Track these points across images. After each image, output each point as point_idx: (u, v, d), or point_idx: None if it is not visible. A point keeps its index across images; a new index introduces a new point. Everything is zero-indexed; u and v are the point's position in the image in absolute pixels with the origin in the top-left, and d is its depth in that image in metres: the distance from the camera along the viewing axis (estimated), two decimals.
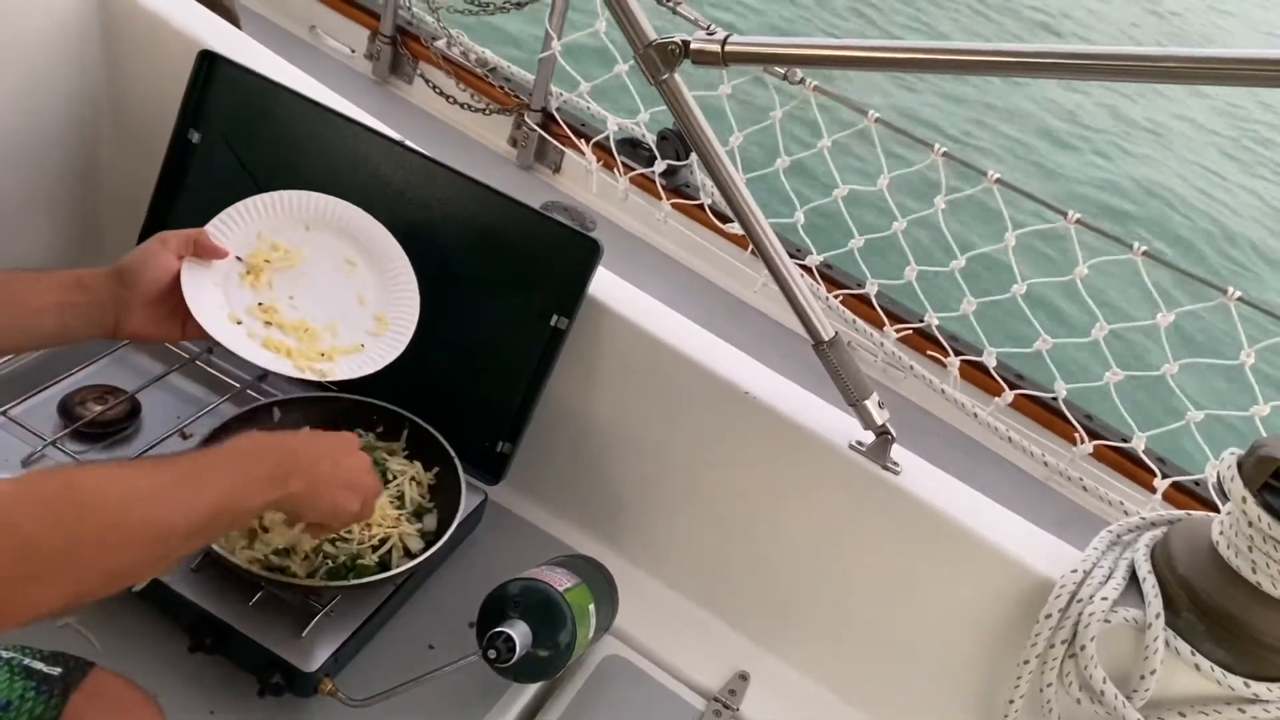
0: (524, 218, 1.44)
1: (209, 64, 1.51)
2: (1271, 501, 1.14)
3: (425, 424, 1.40)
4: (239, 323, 1.22)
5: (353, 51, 3.43)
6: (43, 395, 1.41)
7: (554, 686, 1.36)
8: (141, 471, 0.90)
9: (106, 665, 1.04)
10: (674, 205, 2.93)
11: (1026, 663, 1.28)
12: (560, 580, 1.24)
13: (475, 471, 1.43)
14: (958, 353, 2.60)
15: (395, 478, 1.36)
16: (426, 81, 3.31)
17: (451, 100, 3.27)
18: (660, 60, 1.20)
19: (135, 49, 1.63)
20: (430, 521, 1.34)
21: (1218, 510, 1.24)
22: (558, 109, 3.15)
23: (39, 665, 0.98)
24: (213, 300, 1.21)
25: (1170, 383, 2.31)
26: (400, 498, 1.34)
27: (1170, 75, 0.96)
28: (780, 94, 2.61)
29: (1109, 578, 1.26)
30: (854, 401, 1.34)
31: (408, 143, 1.49)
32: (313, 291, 1.30)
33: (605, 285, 1.47)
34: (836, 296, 2.72)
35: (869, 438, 1.38)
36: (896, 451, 1.38)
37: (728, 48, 1.16)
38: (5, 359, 1.43)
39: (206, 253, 1.22)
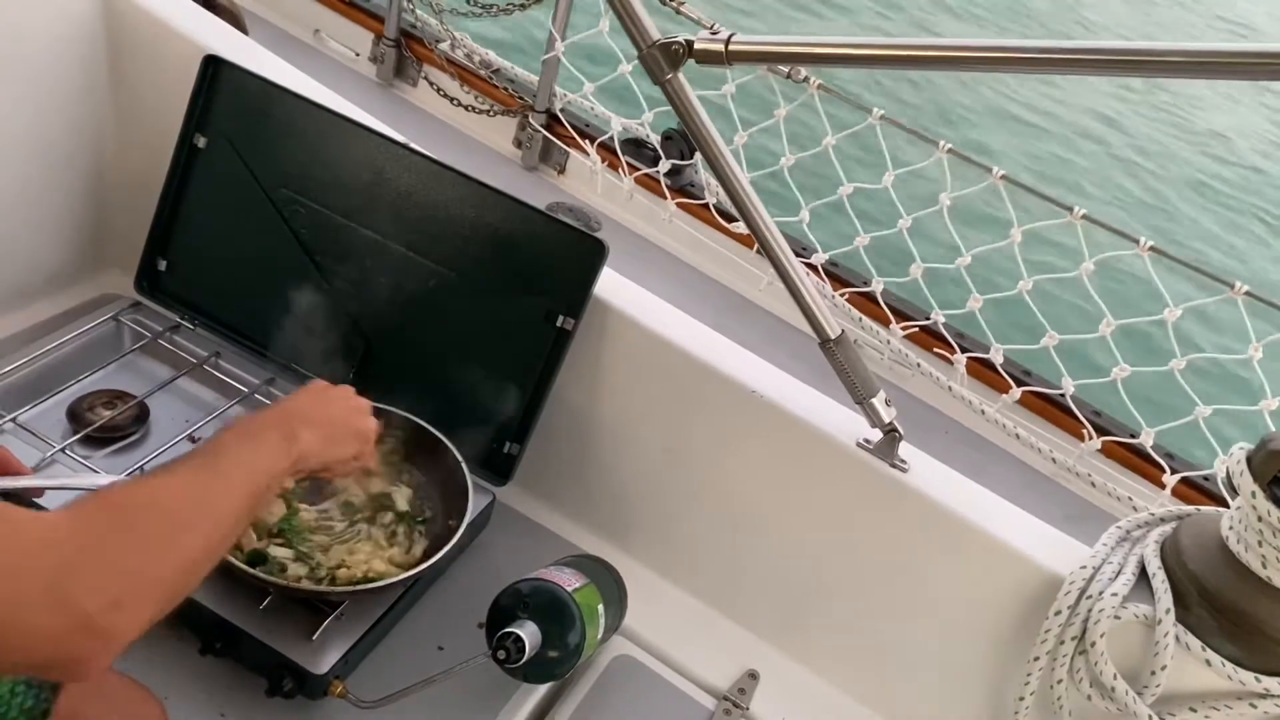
0: (529, 219, 1.44)
1: (214, 69, 1.51)
2: None
3: (431, 427, 1.40)
4: None
5: (357, 55, 3.43)
6: (51, 401, 1.42)
7: (564, 687, 1.36)
8: (170, 474, 0.88)
9: (117, 667, 1.04)
10: (679, 205, 2.92)
11: (1036, 659, 1.27)
12: (569, 580, 1.24)
13: (483, 472, 1.43)
14: (964, 349, 2.59)
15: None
16: (431, 84, 3.31)
17: (456, 102, 3.27)
18: (664, 60, 1.20)
19: (140, 54, 1.64)
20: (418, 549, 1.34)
21: (1227, 505, 1.24)
22: (562, 110, 3.15)
23: None
24: None
25: (1178, 378, 2.30)
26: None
27: (1171, 69, 0.96)
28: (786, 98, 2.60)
29: (1118, 574, 1.26)
30: (861, 399, 1.34)
31: (413, 145, 1.49)
32: None
33: (611, 285, 1.47)
34: (842, 294, 2.71)
35: (876, 435, 1.38)
36: (904, 449, 1.38)
37: (731, 47, 1.16)
38: (12, 365, 1.43)
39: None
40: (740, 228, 2.73)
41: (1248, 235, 7.22)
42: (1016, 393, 2.53)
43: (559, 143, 3.17)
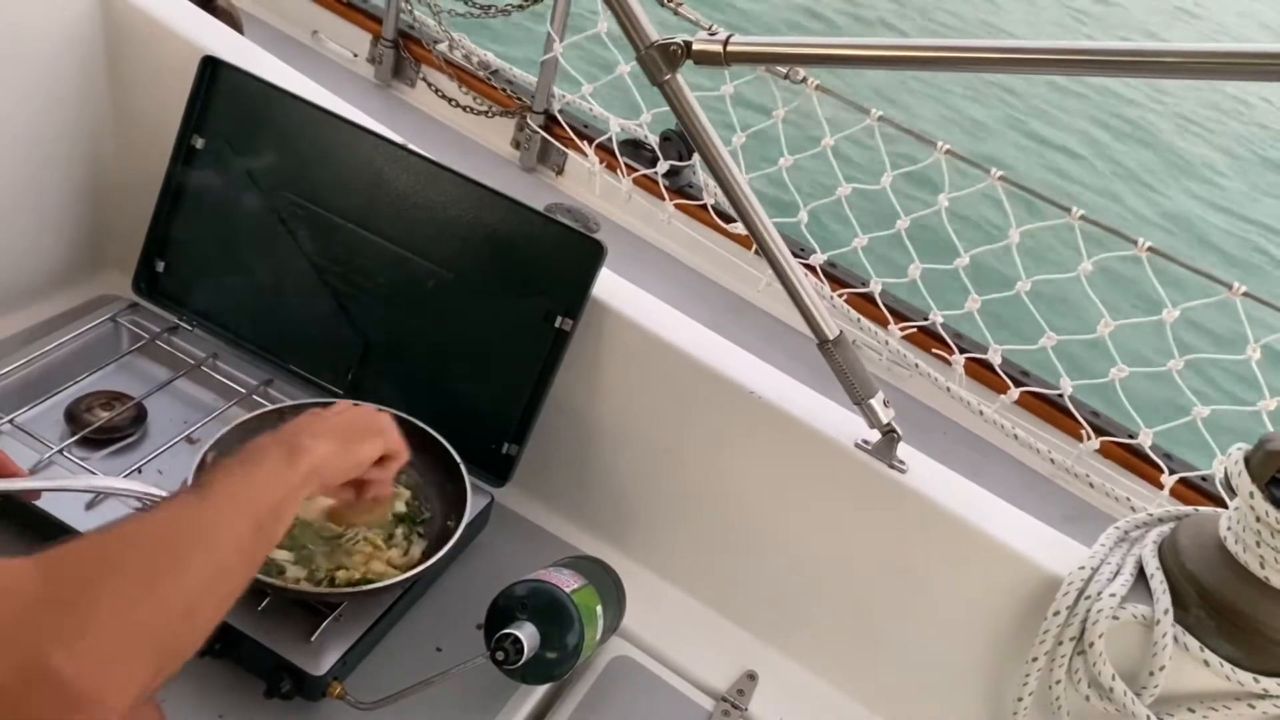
0: (527, 220, 1.44)
1: (212, 70, 1.51)
2: (1279, 496, 1.13)
3: (430, 428, 1.40)
4: None
5: (355, 55, 3.43)
6: (49, 402, 1.41)
7: (562, 688, 1.36)
8: (153, 511, 0.80)
9: None
10: (677, 206, 2.93)
11: (1035, 660, 1.27)
12: (567, 581, 1.24)
13: (481, 474, 1.43)
14: (963, 350, 2.59)
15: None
16: (429, 85, 3.31)
17: (454, 103, 3.27)
18: (662, 61, 1.20)
19: (138, 55, 1.64)
20: (415, 550, 1.34)
21: (1225, 506, 1.24)
22: (560, 111, 3.15)
23: None
24: None
25: (1176, 379, 2.31)
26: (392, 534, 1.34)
27: (1168, 69, 0.96)
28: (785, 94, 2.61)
29: (1117, 574, 1.26)
30: (859, 400, 1.34)
31: (411, 146, 1.49)
32: None
33: (609, 286, 1.47)
34: (841, 295, 2.72)
35: (875, 436, 1.38)
36: (902, 450, 1.38)
37: (730, 48, 1.16)
38: (10, 366, 1.43)
39: None
40: (738, 228, 2.73)
41: None
42: (1015, 393, 2.54)
43: (557, 144, 3.17)
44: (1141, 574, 1.27)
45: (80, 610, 0.64)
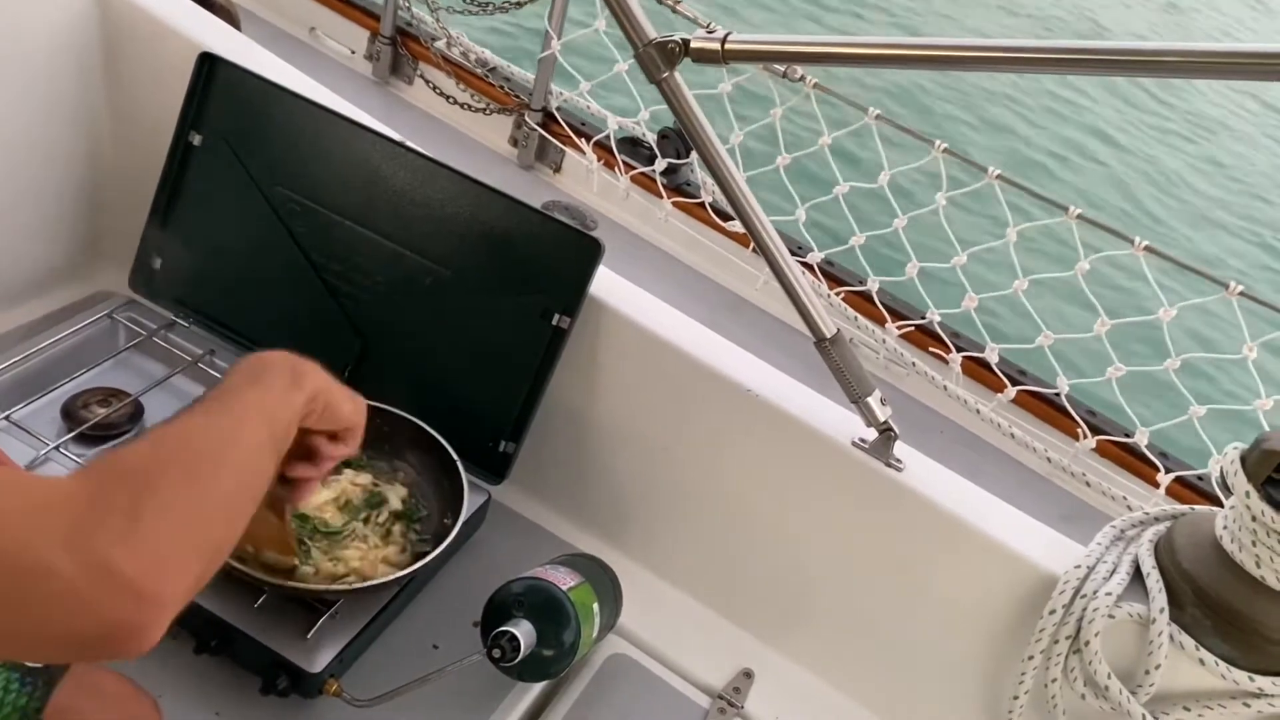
0: (525, 217, 1.44)
1: (209, 66, 1.51)
2: (1275, 496, 1.14)
3: (427, 425, 1.40)
4: None
5: (353, 52, 3.42)
6: (46, 399, 1.41)
7: (558, 685, 1.36)
8: (180, 421, 0.81)
9: (111, 666, 1.04)
10: (675, 204, 2.92)
11: (1031, 658, 1.28)
12: (564, 579, 1.24)
13: (478, 471, 1.43)
14: (960, 349, 2.59)
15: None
16: (427, 82, 3.31)
17: (452, 100, 3.27)
18: (660, 59, 1.20)
19: (135, 52, 1.63)
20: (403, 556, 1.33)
21: (1221, 505, 1.24)
22: (558, 108, 3.14)
23: None
24: None
25: (1173, 378, 2.31)
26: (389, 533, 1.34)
27: (1168, 69, 0.96)
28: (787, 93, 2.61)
29: (1113, 573, 1.26)
30: (856, 398, 1.34)
31: (408, 143, 1.49)
32: None
33: (607, 284, 1.47)
34: (838, 293, 2.71)
35: (872, 435, 1.38)
36: (899, 448, 1.38)
37: (727, 45, 1.16)
38: (7, 362, 1.43)
39: None
40: (736, 226, 2.73)
41: None
42: (1011, 392, 2.54)
43: (555, 141, 3.16)
44: (1138, 573, 1.27)
45: (131, 513, 0.67)
